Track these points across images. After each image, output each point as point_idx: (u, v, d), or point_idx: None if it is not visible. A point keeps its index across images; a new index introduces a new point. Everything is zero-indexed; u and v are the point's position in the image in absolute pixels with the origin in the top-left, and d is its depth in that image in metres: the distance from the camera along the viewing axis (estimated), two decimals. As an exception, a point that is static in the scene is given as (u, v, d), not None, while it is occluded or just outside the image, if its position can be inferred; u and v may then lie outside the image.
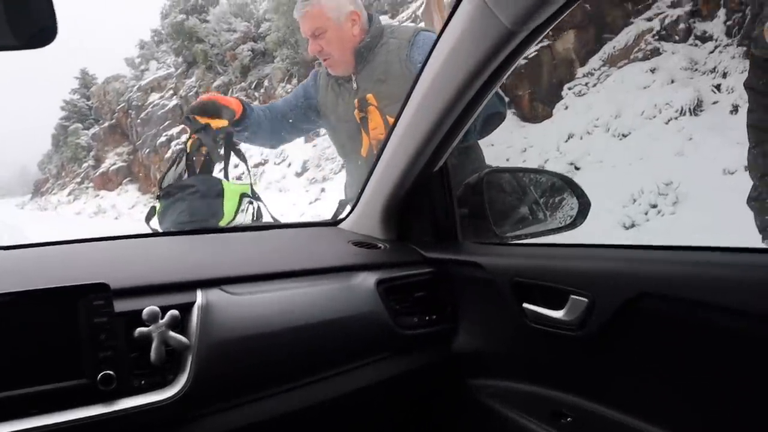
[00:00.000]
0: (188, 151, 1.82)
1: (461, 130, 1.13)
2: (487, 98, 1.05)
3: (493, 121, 1.79)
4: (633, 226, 5.72)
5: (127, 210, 19.57)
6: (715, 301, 0.77)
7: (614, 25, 8.37)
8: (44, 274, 0.91)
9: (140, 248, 1.15)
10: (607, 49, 8.28)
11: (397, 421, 1.17)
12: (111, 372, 0.80)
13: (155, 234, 1.55)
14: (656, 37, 7.89)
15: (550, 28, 0.90)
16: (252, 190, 1.87)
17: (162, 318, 0.85)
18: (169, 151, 18.04)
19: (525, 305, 1.02)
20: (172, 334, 0.85)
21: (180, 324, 0.87)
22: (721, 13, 7.49)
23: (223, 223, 1.68)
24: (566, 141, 7.65)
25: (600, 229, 5.31)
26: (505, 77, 1.02)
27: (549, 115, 8.54)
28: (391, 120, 1.88)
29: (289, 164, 13.79)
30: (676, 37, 7.77)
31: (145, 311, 0.84)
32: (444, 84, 1.05)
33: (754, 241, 1.82)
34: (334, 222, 1.45)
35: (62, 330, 0.80)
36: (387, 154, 1.22)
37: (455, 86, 1.03)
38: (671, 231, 5.30)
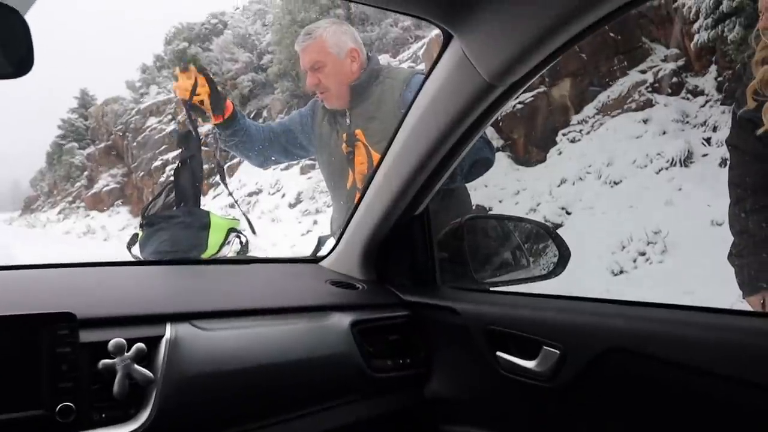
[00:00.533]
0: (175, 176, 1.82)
1: (442, 176, 1.14)
2: (468, 146, 1.07)
3: (480, 166, 1.81)
4: (621, 272, 5.74)
5: (117, 232, 19.37)
6: (683, 360, 0.77)
7: (608, 76, 8.55)
8: (10, 299, 0.89)
9: (114, 277, 1.14)
10: (602, 98, 8.44)
11: None
12: (70, 404, 0.78)
13: (132, 262, 1.53)
14: (650, 89, 8.07)
15: (529, 84, 0.92)
16: (241, 216, 1.87)
17: (128, 351, 0.83)
18: (164, 176, 18.02)
19: (498, 354, 1.02)
20: (137, 367, 0.83)
21: (146, 357, 0.86)
22: (713, 69, 7.68)
23: (205, 256, 1.67)
24: (558, 186, 7.74)
25: (588, 274, 5.33)
26: (485, 127, 1.03)
27: (543, 160, 8.64)
28: (376, 158, 1.89)
29: (283, 195, 13.80)
30: (669, 90, 7.94)
31: (110, 343, 0.83)
32: (425, 130, 1.06)
33: (736, 292, 1.82)
34: (315, 259, 1.44)
35: (23, 358, 0.78)
36: (369, 195, 1.23)
37: (436, 133, 1.04)
38: (658, 279, 5.32)
